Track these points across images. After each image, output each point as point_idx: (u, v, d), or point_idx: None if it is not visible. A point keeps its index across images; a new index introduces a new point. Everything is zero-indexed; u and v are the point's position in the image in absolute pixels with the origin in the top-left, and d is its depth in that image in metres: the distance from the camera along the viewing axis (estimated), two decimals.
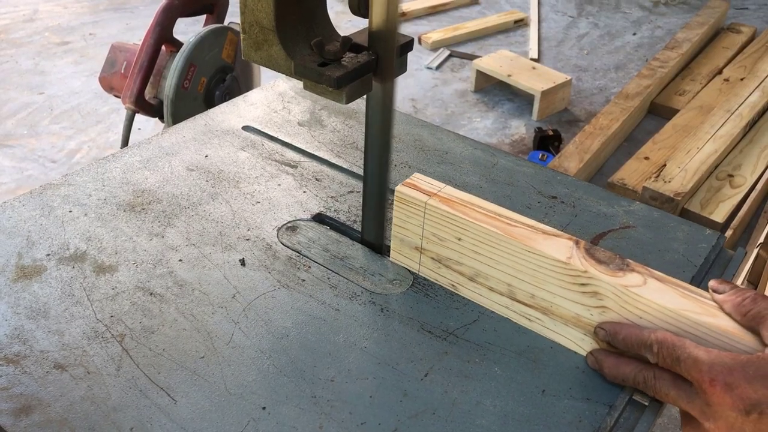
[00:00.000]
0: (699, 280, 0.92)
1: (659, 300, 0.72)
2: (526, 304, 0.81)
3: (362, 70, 0.77)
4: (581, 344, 0.79)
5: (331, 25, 0.85)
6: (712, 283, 0.75)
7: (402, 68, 0.83)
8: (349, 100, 0.78)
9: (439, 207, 0.82)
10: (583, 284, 0.75)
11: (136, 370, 0.75)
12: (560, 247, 0.77)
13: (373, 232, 0.93)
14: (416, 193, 0.84)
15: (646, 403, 0.74)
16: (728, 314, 0.71)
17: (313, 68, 0.76)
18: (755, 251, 2.16)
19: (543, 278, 0.78)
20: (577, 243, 0.78)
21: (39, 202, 0.99)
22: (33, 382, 0.73)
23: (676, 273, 0.91)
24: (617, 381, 0.74)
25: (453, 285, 0.86)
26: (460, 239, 0.82)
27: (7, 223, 0.95)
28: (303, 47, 0.81)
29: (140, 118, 2.37)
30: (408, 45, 0.82)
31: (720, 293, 0.73)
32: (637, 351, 0.72)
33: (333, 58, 0.77)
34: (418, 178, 0.87)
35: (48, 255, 0.90)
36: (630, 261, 0.77)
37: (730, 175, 2.64)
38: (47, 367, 0.75)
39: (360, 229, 0.95)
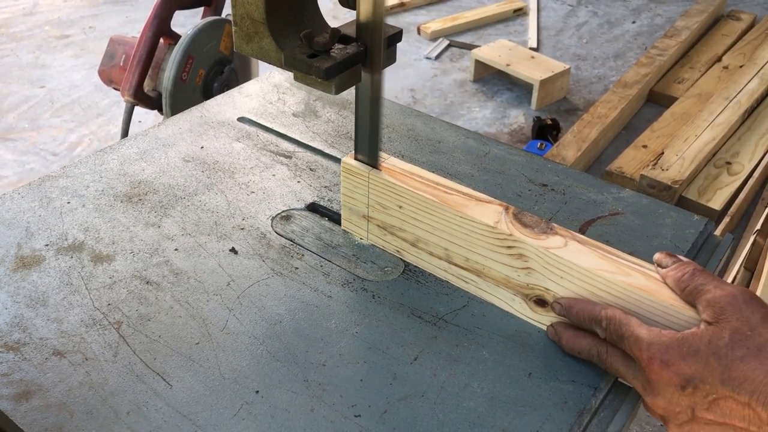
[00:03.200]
0: None
1: (576, 260, 0.75)
2: (462, 267, 0.85)
3: (351, 61, 0.79)
4: (512, 304, 0.83)
5: (321, 16, 0.87)
6: (656, 255, 0.77)
7: (391, 59, 0.85)
8: (338, 90, 0.79)
9: (380, 176, 0.87)
10: (509, 247, 0.79)
11: (132, 356, 0.77)
12: (490, 213, 0.81)
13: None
14: (360, 164, 0.89)
15: (631, 386, 0.76)
16: (671, 288, 0.74)
17: (303, 60, 0.77)
18: (752, 238, 2.18)
19: (475, 242, 0.82)
20: (506, 209, 0.82)
21: (38, 193, 1.01)
22: (32, 368, 0.75)
23: None
24: (573, 353, 0.78)
25: (398, 251, 0.91)
26: (401, 207, 0.87)
27: (6, 215, 0.96)
28: (293, 39, 0.82)
29: (141, 111, 2.39)
30: (396, 36, 0.83)
31: (663, 267, 0.76)
32: (589, 325, 0.75)
33: (322, 50, 0.78)
34: None
35: (47, 245, 0.91)
36: (555, 225, 0.81)
37: (728, 163, 2.65)
38: (46, 354, 0.77)
39: None
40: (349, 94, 1.24)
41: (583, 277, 0.76)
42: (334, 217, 0.99)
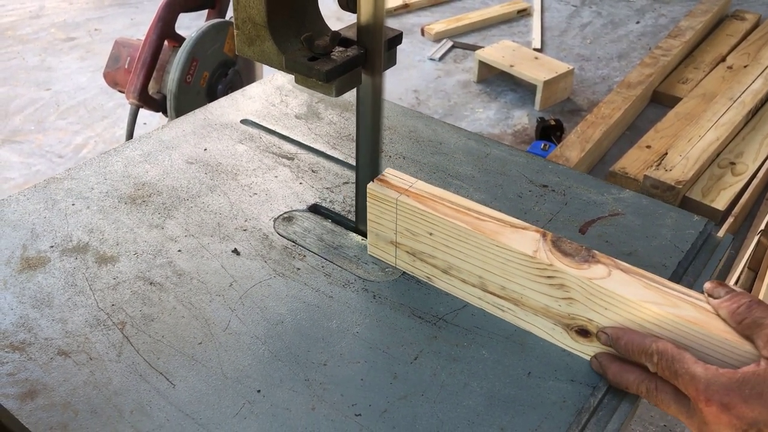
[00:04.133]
0: (686, 266, 0.94)
1: (621, 292, 0.73)
2: (497, 296, 0.82)
3: (351, 63, 0.80)
4: (552, 333, 0.80)
5: (322, 20, 0.88)
6: (707, 285, 0.74)
7: (391, 61, 0.86)
8: (339, 93, 0.80)
9: (409, 203, 0.83)
10: (549, 277, 0.76)
11: (136, 356, 0.78)
12: (527, 241, 0.78)
13: (366, 222, 0.95)
14: (387, 189, 0.85)
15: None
16: (724, 320, 0.70)
17: (303, 63, 0.78)
18: (756, 238, 2.18)
19: (512, 271, 0.79)
20: (544, 235, 0.79)
21: (43, 195, 1.02)
22: (38, 368, 0.76)
23: (663, 258, 0.93)
24: (620, 387, 0.75)
25: (428, 277, 0.88)
26: (431, 234, 0.84)
27: (12, 216, 0.98)
28: (294, 42, 0.83)
29: (146, 113, 2.40)
30: (396, 39, 0.84)
31: (715, 297, 0.72)
32: (638, 359, 0.72)
33: (323, 53, 0.79)
34: (390, 174, 0.88)
35: (52, 247, 0.93)
36: (596, 252, 0.77)
37: (732, 163, 2.65)
38: (51, 354, 0.78)
39: (354, 219, 0.98)
40: (351, 96, 1.25)
41: (630, 309, 0.72)
42: (336, 219, 1.00)
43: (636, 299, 0.72)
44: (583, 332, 0.78)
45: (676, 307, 0.71)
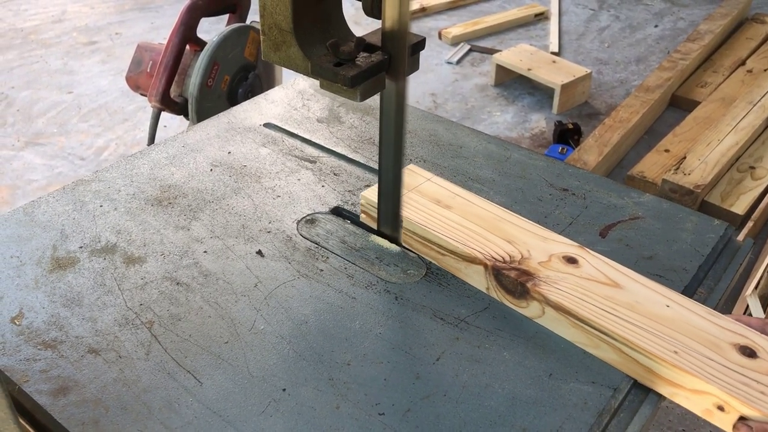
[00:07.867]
0: (706, 270, 0.94)
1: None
2: None
3: (375, 69, 0.81)
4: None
5: (347, 26, 0.89)
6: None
7: (414, 66, 0.87)
8: (363, 97, 0.81)
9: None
10: None
11: (164, 354, 0.79)
12: (480, 277, 0.86)
13: (388, 224, 0.96)
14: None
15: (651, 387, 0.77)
16: None
17: (329, 68, 0.80)
18: None
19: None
20: (486, 268, 0.86)
21: (71, 197, 1.04)
22: (69, 365, 0.78)
23: (683, 262, 0.93)
24: None
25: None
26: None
27: (42, 218, 1.00)
28: (319, 48, 0.84)
29: (166, 116, 2.43)
30: (420, 44, 0.85)
31: None
32: None
33: (347, 58, 0.80)
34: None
35: (81, 247, 0.95)
36: (528, 286, 0.83)
37: (752, 167, 2.63)
38: (82, 352, 0.80)
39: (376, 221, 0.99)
40: (372, 100, 1.26)
41: None
42: (358, 221, 1.01)
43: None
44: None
45: None
